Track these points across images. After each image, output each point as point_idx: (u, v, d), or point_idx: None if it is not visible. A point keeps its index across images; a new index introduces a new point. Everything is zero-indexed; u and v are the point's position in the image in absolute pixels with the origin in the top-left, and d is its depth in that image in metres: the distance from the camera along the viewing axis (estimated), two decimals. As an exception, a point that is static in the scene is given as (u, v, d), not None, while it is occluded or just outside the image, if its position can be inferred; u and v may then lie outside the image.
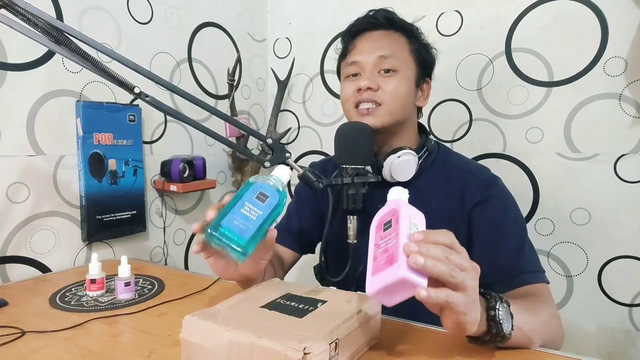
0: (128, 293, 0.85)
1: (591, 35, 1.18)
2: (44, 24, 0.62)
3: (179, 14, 1.40)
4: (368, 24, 0.88)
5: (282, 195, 0.61)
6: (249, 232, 0.57)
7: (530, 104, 1.28)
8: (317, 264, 0.92)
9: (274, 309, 0.58)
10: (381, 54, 0.83)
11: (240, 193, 0.60)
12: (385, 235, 0.54)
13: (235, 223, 0.57)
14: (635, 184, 1.16)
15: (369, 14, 0.89)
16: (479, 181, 0.83)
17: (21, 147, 1.01)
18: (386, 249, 0.52)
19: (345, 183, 0.78)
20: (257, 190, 0.60)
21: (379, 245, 0.54)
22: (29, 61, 1.02)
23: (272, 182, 0.62)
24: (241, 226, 0.57)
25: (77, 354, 0.63)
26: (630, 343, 1.20)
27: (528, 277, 0.75)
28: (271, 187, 0.61)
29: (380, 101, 0.82)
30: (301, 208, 1.01)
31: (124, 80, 0.67)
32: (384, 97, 0.82)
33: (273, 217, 0.60)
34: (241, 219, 0.58)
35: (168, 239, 1.39)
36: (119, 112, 1.18)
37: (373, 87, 0.82)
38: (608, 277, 1.22)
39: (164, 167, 1.31)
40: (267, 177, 0.63)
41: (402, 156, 0.81)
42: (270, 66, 1.78)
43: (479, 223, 0.81)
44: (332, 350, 0.50)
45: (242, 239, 0.57)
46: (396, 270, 0.47)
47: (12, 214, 1.00)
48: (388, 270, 0.49)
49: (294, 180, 0.78)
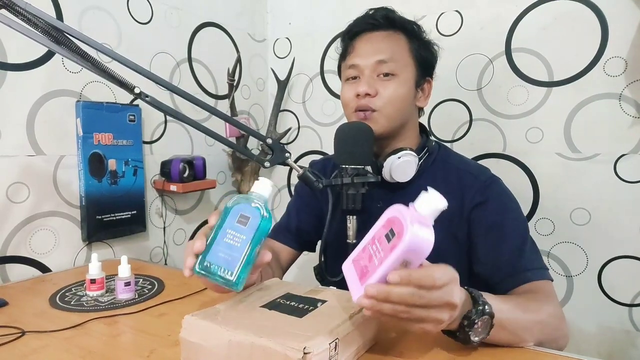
0: (128, 293, 0.85)
1: (591, 35, 1.18)
2: (44, 24, 0.62)
3: (179, 14, 1.40)
4: (367, 24, 0.87)
5: (264, 216, 0.58)
6: (236, 262, 0.56)
7: (530, 104, 1.28)
8: (317, 264, 0.92)
9: (274, 309, 0.58)
10: (379, 58, 0.83)
11: (221, 221, 0.58)
12: (382, 241, 0.51)
13: (221, 255, 0.56)
14: (635, 184, 1.16)
15: (368, 14, 0.89)
16: (479, 182, 0.83)
17: (21, 147, 1.01)
18: (371, 257, 0.52)
19: (344, 183, 0.78)
20: (237, 213, 0.57)
21: (374, 241, 0.53)
22: (29, 61, 1.02)
23: (252, 200, 0.59)
24: (227, 257, 0.56)
25: (77, 354, 0.63)
26: (630, 343, 1.20)
27: (530, 275, 0.75)
28: (251, 206, 0.58)
29: (378, 108, 0.82)
30: (301, 207, 1.01)
31: (124, 80, 0.67)
32: (381, 102, 0.82)
33: (258, 237, 0.57)
34: (226, 250, 0.56)
35: (168, 239, 1.39)
36: (119, 112, 1.18)
37: (371, 93, 0.82)
38: (608, 277, 1.22)
39: (164, 167, 1.31)
40: (246, 196, 0.60)
41: (402, 157, 0.81)
42: (270, 66, 1.78)
43: (479, 224, 0.81)
44: (331, 350, 0.50)
45: (230, 271, 0.56)
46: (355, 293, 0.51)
47: (12, 214, 1.00)
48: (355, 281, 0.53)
49: (293, 181, 0.78)
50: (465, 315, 0.56)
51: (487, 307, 0.56)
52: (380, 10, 0.88)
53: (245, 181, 1.64)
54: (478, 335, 0.57)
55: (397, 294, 0.48)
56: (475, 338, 0.57)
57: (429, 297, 0.49)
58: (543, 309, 0.67)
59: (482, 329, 0.57)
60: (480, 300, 0.57)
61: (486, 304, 0.57)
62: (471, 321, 0.55)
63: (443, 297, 0.50)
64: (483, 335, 0.57)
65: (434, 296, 0.49)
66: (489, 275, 0.79)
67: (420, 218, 0.48)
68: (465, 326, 0.56)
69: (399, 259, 0.48)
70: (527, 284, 0.74)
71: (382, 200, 0.87)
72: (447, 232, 0.83)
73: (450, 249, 0.83)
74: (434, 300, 0.49)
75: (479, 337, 0.57)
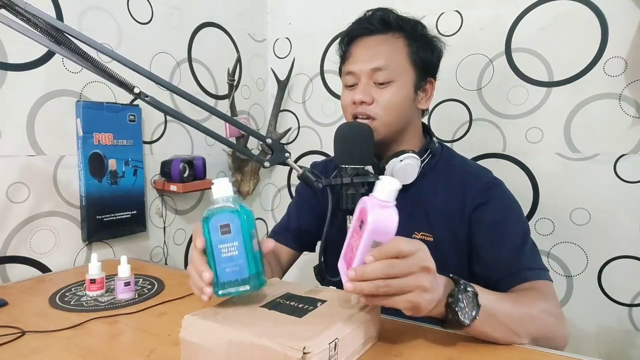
0: (128, 293, 0.85)
1: (591, 35, 1.18)
2: (44, 24, 0.62)
3: (179, 14, 1.40)
4: (363, 29, 0.86)
5: (240, 212, 0.57)
6: (246, 267, 0.57)
7: (530, 104, 1.28)
8: (317, 264, 0.92)
9: (274, 309, 0.58)
10: (375, 66, 0.82)
11: (208, 240, 0.57)
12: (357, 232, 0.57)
13: (228, 271, 0.57)
14: (635, 184, 1.16)
15: (364, 17, 0.87)
16: (481, 184, 0.83)
17: (21, 147, 1.01)
18: (351, 248, 0.57)
19: (344, 183, 0.78)
20: (216, 227, 0.57)
21: (353, 235, 0.58)
22: (29, 61, 1.02)
23: (221, 207, 0.58)
24: (235, 269, 0.57)
25: (77, 353, 0.63)
26: (630, 343, 1.20)
27: (529, 274, 0.75)
28: (224, 212, 0.57)
29: (374, 115, 0.82)
30: (302, 207, 1.01)
31: (124, 80, 0.67)
32: (377, 110, 0.82)
33: (248, 233, 0.57)
34: (229, 263, 0.57)
35: (168, 239, 1.39)
36: (119, 112, 1.18)
37: (367, 101, 0.82)
38: (608, 277, 1.22)
39: (164, 167, 1.31)
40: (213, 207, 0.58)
41: (404, 160, 0.82)
42: (270, 66, 1.78)
43: (480, 224, 0.81)
44: (331, 349, 0.50)
45: (245, 278, 0.57)
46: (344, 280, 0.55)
47: (12, 214, 1.00)
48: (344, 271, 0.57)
49: (293, 181, 0.78)
50: (449, 294, 0.58)
51: (469, 287, 0.59)
52: (376, 12, 0.86)
53: (245, 181, 1.64)
54: (467, 315, 0.58)
55: (371, 270, 0.52)
56: (465, 319, 0.58)
57: (401, 265, 0.52)
58: (535, 304, 0.67)
59: (469, 307, 0.58)
60: (460, 281, 0.59)
61: (467, 284, 0.59)
62: (455, 298, 0.58)
63: (416, 262, 0.53)
64: (472, 314, 0.58)
65: (406, 264, 0.52)
66: (487, 273, 0.79)
67: (379, 203, 0.54)
68: (451, 304, 0.58)
69: (369, 240, 0.53)
70: (526, 284, 0.74)
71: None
72: (449, 232, 0.83)
73: (451, 250, 0.83)
74: (407, 267, 0.52)
75: (468, 318, 0.58)
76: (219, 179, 0.59)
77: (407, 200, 0.87)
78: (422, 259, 0.54)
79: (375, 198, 0.54)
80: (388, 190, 0.54)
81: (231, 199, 0.59)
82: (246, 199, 1.67)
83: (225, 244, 0.57)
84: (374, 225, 0.53)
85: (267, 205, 1.85)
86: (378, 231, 0.53)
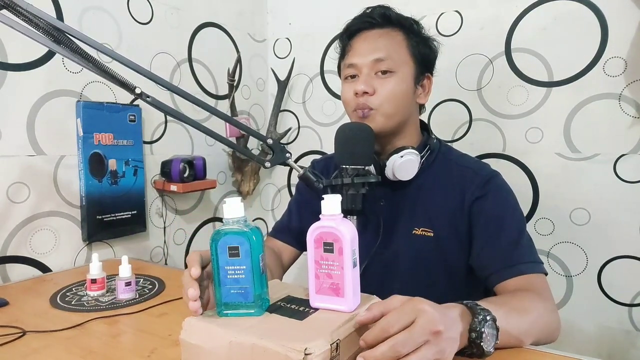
0: (128, 293, 0.85)
1: (591, 35, 1.18)
2: (44, 24, 0.62)
3: (179, 14, 1.40)
4: (364, 23, 0.87)
5: (250, 234, 0.56)
6: (251, 290, 0.56)
7: (530, 104, 1.28)
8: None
9: (275, 312, 0.58)
10: (377, 57, 0.83)
11: (215, 261, 0.56)
12: (326, 257, 0.56)
13: (233, 292, 0.56)
14: (635, 184, 1.16)
15: (365, 12, 0.89)
16: (479, 177, 0.84)
17: (21, 147, 1.01)
18: (329, 274, 0.56)
19: (345, 183, 0.78)
20: (224, 248, 0.56)
21: (320, 264, 0.57)
22: (29, 61, 1.02)
23: (232, 228, 0.56)
24: (240, 291, 0.56)
25: (78, 353, 0.63)
26: (630, 343, 1.20)
27: (524, 267, 0.76)
28: (234, 234, 0.56)
29: (376, 106, 0.83)
30: (302, 205, 1.01)
31: (125, 80, 0.67)
32: (379, 100, 0.82)
33: (256, 258, 0.56)
34: (234, 284, 0.56)
35: (168, 239, 1.39)
36: (119, 112, 1.18)
37: (369, 92, 0.82)
38: (608, 277, 1.22)
39: (164, 167, 1.31)
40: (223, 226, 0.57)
41: (404, 156, 0.82)
42: (270, 66, 1.78)
43: (478, 217, 0.82)
44: (333, 351, 0.50)
45: (249, 301, 0.56)
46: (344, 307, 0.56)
47: (12, 214, 1.00)
48: (334, 299, 0.56)
49: (293, 181, 0.78)
50: (470, 328, 0.55)
51: (487, 314, 0.56)
52: (377, 8, 0.88)
53: (245, 181, 1.64)
54: (490, 344, 0.56)
55: (380, 353, 0.48)
56: (490, 348, 0.56)
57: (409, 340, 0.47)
58: (537, 307, 0.68)
59: (491, 335, 0.56)
60: (477, 308, 0.56)
61: (484, 310, 0.56)
62: (479, 332, 0.54)
63: (424, 332, 0.48)
64: (494, 341, 0.56)
65: (412, 339, 0.48)
66: (484, 265, 0.80)
67: (335, 218, 0.56)
68: (475, 339, 0.55)
69: (350, 253, 0.55)
70: (521, 277, 0.75)
71: (384, 199, 0.88)
72: (449, 227, 0.84)
73: (451, 245, 0.84)
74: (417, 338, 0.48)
75: (492, 345, 0.56)
76: (231, 199, 0.57)
77: (407, 197, 0.87)
78: (428, 322, 0.48)
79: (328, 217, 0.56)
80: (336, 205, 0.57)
81: (242, 220, 0.57)
82: (246, 199, 1.67)
83: (232, 266, 0.56)
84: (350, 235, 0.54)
85: (267, 205, 1.85)
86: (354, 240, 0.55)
